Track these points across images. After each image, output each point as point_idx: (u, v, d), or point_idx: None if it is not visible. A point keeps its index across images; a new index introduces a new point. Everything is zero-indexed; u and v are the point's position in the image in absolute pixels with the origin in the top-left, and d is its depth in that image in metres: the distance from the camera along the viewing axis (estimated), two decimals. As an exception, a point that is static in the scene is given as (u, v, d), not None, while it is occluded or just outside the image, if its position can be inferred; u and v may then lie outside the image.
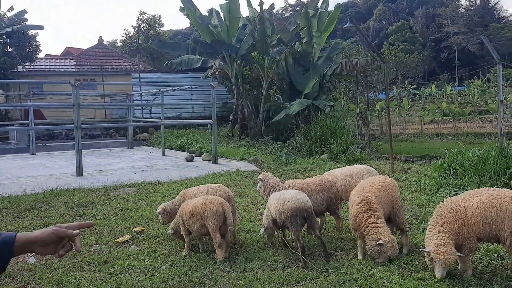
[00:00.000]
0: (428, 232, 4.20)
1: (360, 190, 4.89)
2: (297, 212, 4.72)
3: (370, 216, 4.55)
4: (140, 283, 4.30)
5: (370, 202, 4.66)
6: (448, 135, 21.43)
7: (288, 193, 5.03)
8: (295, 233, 4.73)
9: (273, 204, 5.00)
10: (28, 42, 21.12)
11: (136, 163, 12.93)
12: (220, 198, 5.17)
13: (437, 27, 56.69)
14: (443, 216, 4.16)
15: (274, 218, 4.95)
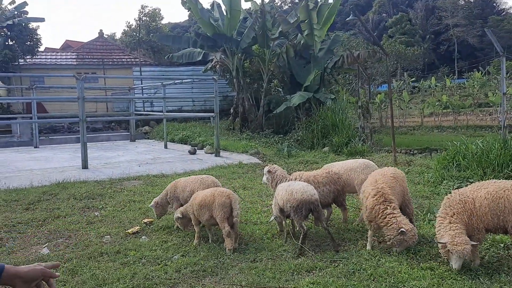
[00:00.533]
0: (439, 223, 4.26)
1: (374, 181, 4.94)
2: (303, 203, 4.84)
3: (386, 208, 4.61)
4: (154, 272, 4.38)
5: (385, 193, 4.72)
6: (448, 128, 21.54)
7: (296, 185, 5.14)
8: (298, 222, 4.88)
9: (280, 194, 5.13)
10: (29, 35, 21.08)
11: (139, 156, 13.00)
12: (228, 190, 5.29)
13: (437, 19, 56.60)
14: (452, 207, 4.23)
15: (281, 208, 5.08)
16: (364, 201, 4.92)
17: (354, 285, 3.91)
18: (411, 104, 28.88)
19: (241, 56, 18.09)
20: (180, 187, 5.99)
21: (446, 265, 4.27)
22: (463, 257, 4.03)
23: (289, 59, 17.14)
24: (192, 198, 5.43)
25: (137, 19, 29.84)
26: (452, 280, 3.99)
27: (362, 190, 5.08)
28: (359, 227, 5.66)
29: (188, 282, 4.17)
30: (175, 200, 6.01)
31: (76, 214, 6.77)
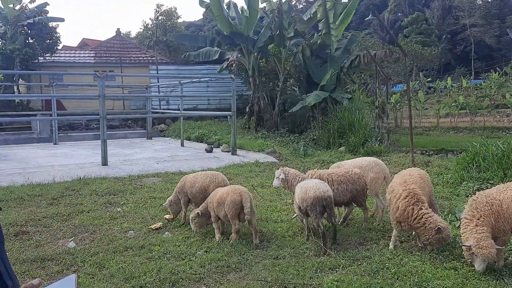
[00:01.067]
0: (465, 226, 4.25)
1: (403, 182, 4.93)
2: (317, 200, 4.96)
3: (421, 208, 4.61)
4: (179, 267, 4.47)
5: (417, 194, 4.72)
6: (464, 129, 21.29)
7: (310, 183, 5.26)
8: (315, 220, 4.99)
9: (297, 192, 5.27)
10: (49, 34, 21.42)
11: (157, 154, 13.14)
12: (242, 188, 5.43)
13: (454, 19, 55.87)
14: (479, 210, 4.21)
15: (299, 205, 5.19)
16: (393, 201, 4.89)
17: (378, 284, 3.94)
18: (427, 104, 28.62)
19: (257, 55, 18.15)
20: (189, 183, 6.12)
21: (470, 266, 4.28)
22: (488, 261, 4.03)
23: (305, 58, 17.15)
24: (212, 195, 5.56)
25: (153, 19, 30.14)
26: (476, 280, 4.00)
27: (389, 190, 5.07)
28: (380, 226, 5.68)
29: (213, 277, 4.25)
30: (183, 195, 6.13)
31: (99, 209, 6.90)
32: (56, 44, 22.03)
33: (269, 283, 4.03)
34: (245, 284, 4.05)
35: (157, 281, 4.16)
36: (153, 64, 23.49)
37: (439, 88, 33.08)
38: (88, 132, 19.04)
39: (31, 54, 20.40)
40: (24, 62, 20.57)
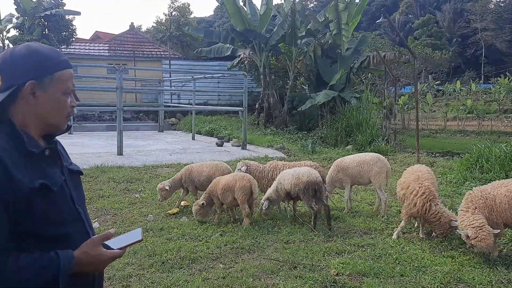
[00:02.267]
0: (461, 216, 4.59)
1: (416, 178, 5.20)
2: (309, 185, 5.48)
3: (436, 204, 4.96)
4: (197, 247, 4.86)
5: (432, 191, 5.04)
6: (471, 133, 21.50)
7: (301, 169, 5.83)
8: (308, 202, 5.53)
9: (287, 179, 5.73)
10: (65, 26, 21.87)
11: (169, 146, 13.55)
12: (248, 175, 5.92)
13: (465, 22, 55.78)
14: (474, 202, 4.56)
15: (288, 191, 5.69)
16: (409, 197, 5.12)
17: (381, 267, 4.30)
18: (435, 107, 28.82)
19: (268, 53, 18.48)
20: (196, 172, 6.57)
21: (466, 255, 4.63)
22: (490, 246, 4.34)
23: (316, 57, 17.46)
24: (214, 184, 5.94)
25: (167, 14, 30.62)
26: (471, 267, 4.35)
27: (404, 186, 5.32)
28: (384, 218, 6.03)
29: (228, 257, 4.63)
30: (190, 183, 6.56)
31: (118, 195, 7.30)
32: (72, 36, 22.48)
33: (281, 263, 4.40)
34: (258, 263, 4.42)
35: (177, 258, 4.55)
36: (166, 59, 23.91)
37: (448, 91, 33.24)
38: (100, 123, 19.50)
39: (48, 45, 20.87)
40: (41, 53, 21.04)
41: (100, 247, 1.59)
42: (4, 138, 1.53)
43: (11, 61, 1.58)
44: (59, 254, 1.50)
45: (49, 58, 1.60)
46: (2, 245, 1.42)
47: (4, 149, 1.49)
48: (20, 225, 1.48)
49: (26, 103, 1.57)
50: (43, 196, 1.53)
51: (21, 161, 1.51)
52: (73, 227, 1.64)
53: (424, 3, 68.11)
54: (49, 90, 1.59)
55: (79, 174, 1.83)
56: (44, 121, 1.60)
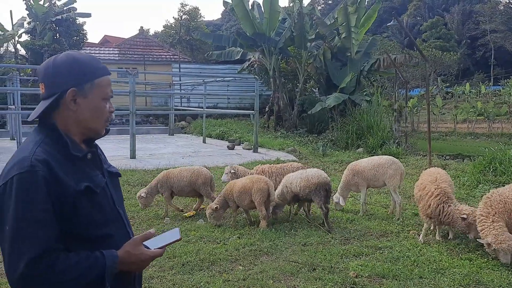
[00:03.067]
0: (482, 223, 4.56)
1: (434, 180, 5.23)
2: (320, 185, 5.59)
3: (449, 206, 4.98)
4: (216, 249, 4.92)
5: (447, 192, 5.08)
6: (482, 135, 21.35)
7: (310, 171, 5.90)
8: (319, 203, 5.61)
9: (294, 182, 5.82)
10: (76, 30, 22.13)
11: (180, 149, 13.65)
12: (265, 177, 5.95)
13: (474, 24, 55.41)
14: (493, 207, 4.55)
15: (297, 193, 5.77)
16: (424, 198, 5.18)
17: (399, 269, 4.33)
18: (444, 109, 28.68)
19: (278, 56, 18.56)
20: (175, 177, 6.49)
21: (483, 257, 4.64)
22: (510, 253, 4.35)
23: (325, 60, 17.50)
24: (229, 187, 5.96)
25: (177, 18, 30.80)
26: (489, 270, 4.36)
27: (420, 188, 5.35)
28: (400, 221, 6.05)
29: (247, 259, 4.68)
30: (167, 189, 6.46)
31: (133, 198, 7.36)
32: (82, 40, 22.75)
33: (300, 265, 4.45)
34: (277, 265, 4.47)
35: (197, 260, 4.61)
36: (176, 63, 24.07)
37: (457, 94, 33.08)
38: (111, 127, 19.61)
39: (59, 49, 21.10)
40: (52, 57, 21.30)
41: (141, 247, 1.65)
42: (50, 143, 1.60)
43: (52, 70, 1.64)
44: (104, 254, 1.57)
45: (88, 66, 1.67)
46: (52, 245, 1.49)
47: (50, 154, 1.57)
48: (67, 226, 1.55)
49: (68, 110, 1.63)
50: (87, 198, 1.60)
51: (66, 165, 1.59)
52: (115, 228, 1.71)
53: (432, 5, 67.85)
54: (89, 97, 1.65)
55: (118, 176, 1.90)
56: (85, 126, 1.67)
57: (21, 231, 1.46)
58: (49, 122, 1.65)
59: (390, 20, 60.68)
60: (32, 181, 1.48)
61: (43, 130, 1.64)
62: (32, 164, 1.50)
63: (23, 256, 1.44)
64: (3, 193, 1.50)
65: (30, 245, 1.45)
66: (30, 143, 1.60)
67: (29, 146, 1.58)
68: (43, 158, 1.53)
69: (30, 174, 1.48)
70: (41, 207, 1.48)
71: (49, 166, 1.52)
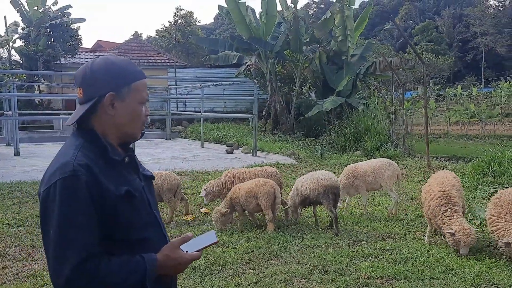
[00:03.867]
0: (495, 223, 4.59)
1: (441, 183, 5.22)
2: (329, 189, 5.60)
3: (446, 210, 4.88)
4: (225, 253, 4.92)
5: (450, 196, 4.98)
6: (475, 137, 21.55)
7: (319, 174, 5.92)
8: (328, 206, 5.62)
9: (305, 184, 5.84)
10: (70, 36, 22.06)
11: (179, 154, 13.63)
12: (271, 181, 5.95)
13: (464, 27, 56.08)
14: (504, 207, 4.60)
15: (306, 196, 5.79)
16: (427, 199, 5.18)
17: (409, 270, 4.36)
18: (437, 112, 28.94)
19: (274, 60, 18.63)
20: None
21: (491, 257, 4.70)
22: None
23: (322, 64, 17.58)
24: (235, 191, 5.95)
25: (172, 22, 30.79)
26: (498, 269, 4.41)
27: (426, 189, 5.38)
28: (405, 222, 6.10)
29: (257, 262, 4.69)
30: None
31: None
32: (77, 46, 22.70)
33: (311, 267, 4.47)
34: (288, 268, 4.48)
35: (207, 264, 4.61)
36: (171, 67, 24.05)
37: (449, 96, 33.39)
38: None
39: (54, 55, 21.04)
40: (47, 63, 21.21)
41: (179, 250, 1.66)
42: (89, 148, 1.61)
43: (91, 74, 1.65)
44: (145, 258, 1.58)
45: (125, 70, 1.67)
46: (94, 250, 1.50)
47: (91, 158, 1.57)
48: (108, 230, 1.56)
49: (106, 114, 1.64)
50: (127, 202, 1.60)
51: (106, 169, 1.59)
52: (153, 231, 1.72)
53: (423, 8, 68.53)
54: (127, 100, 1.65)
55: (152, 179, 1.91)
56: (122, 130, 1.67)
57: (65, 236, 1.47)
58: (88, 126, 1.65)
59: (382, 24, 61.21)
60: (75, 185, 1.49)
61: (82, 135, 1.65)
62: (74, 169, 1.50)
63: (68, 261, 1.45)
64: (47, 198, 1.51)
65: (75, 250, 1.46)
66: (71, 148, 1.60)
67: (70, 151, 1.58)
68: (84, 162, 1.54)
69: (73, 178, 1.49)
70: (84, 212, 1.49)
71: (90, 171, 1.53)
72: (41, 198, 1.54)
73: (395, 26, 11.10)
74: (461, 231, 4.66)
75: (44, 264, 4.63)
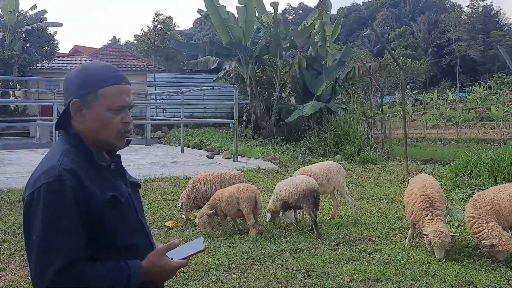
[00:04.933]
0: (477, 225, 4.64)
1: (422, 187, 5.23)
2: (308, 192, 5.65)
3: (427, 214, 4.91)
4: (207, 259, 4.89)
5: (431, 200, 5.01)
6: (451, 140, 22.01)
7: (298, 178, 5.97)
8: (308, 210, 5.66)
9: (284, 189, 5.87)
10: (47, 41, 21.66)
11: (159, 160, 13.50)
12: (252, 186, 6.01)
13: (440, 33, 57.45)
14: (482, 209, 4.68)
15: (285, 201, 5.81)
16: (410, 204, 5.20)
17: (391, 272, 4.42)
18: (414, 116, 29.48)
19: (254, 65, 18.68)
20: None
21: (469, 258, 4.80)
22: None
23: (301, 69, 17.72)
24: (217, 196, 5.95)
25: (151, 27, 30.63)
26: (477, 270, 4.51)
27: (408, 194, 5.42)
28: (385, 225, 6.17)
29: (240, 268, 4.67)
30: None
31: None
32: (54, 51, 22.29)
33: (294, 271, 4.48)
34: (271, 273, 4.48)
35: (189, 270, 4.57)
36: (150, 72, 23.87)
37: (425, 100, 34.11)
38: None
39: (29, 60, 20.61)
40: (22, 68, 20.76)
41: (165, 257, 1.65)
42: (76, 153, 1.61)
43: (65, 81, 1.69)
44: (129, 264, 1.56)
45: (94, 76, 1.65)
46: (80, 255, 1.48)
47: (77, 163, 1.57)
48: (93, 235, 1.54)
49: (76, 121, 1.64)
50: (113, 208, 1.59)
51: (92, 174, 1.59)
52: (139, 237, 1.71)
53: (399, 14, 69.91)
54: (94, 107, 1.63)
55: (138, 186, 1.90)
56: (95, 137, 1.65)
57: (49, 240, 1.45)
58: (72, 131, 1.65)
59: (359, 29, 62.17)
60: (59, 190, 1.48)
61: (68, 139, 1.65)
62: (59, 174, 1.50)
63: (51, 266, 1.43)
64: (31, 202, 1.50)
65: (58, 254, 1.44)
66: (57, 152, 1.60)
67: (56, 156, 1.58)
68: (70, 167, 1.53)
69: (57, 183, 1.48)
70: (69, 216, 1.48)
71: (76, 176, 1.52)
72: (25, 202, 1.53)
73: (373, 32, 11.27)
74: (432, 233, 4.70)
75: (22, 273, 4.52)
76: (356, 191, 8.85)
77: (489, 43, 52.06)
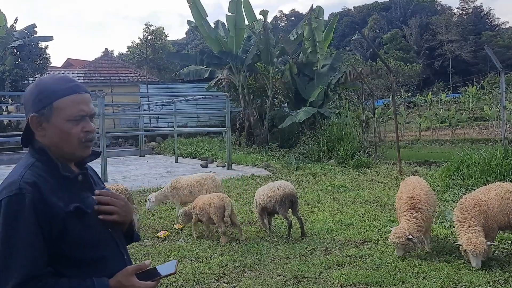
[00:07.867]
0: (459, 228, 4.68)
1: (411, 189, 5.24)
2: (285, 196, 5.75)
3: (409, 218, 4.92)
4: (199, 268, 4.87)
5: (416, 202, 5.01)
6: (445, 142, 22.09)
7: (275, 183, 6.09)
8: (283, 213, 5.77)
9: (262, 194, 5.97)
10: (38, 55, 21.66)
11: (153, 170, 13.47)
12: (223, 194, 6.15)
13: (431, 35, 57.87)
14: (469, 211, 4.67)
15: (264, 206, 5.92)
16: (400, 207, 5.23)
17: (382, 275, 4.41)
18: (408, 118, 29.59)
19: (246, 73, 18.73)
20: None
21: (460, 259, 4.79)
22: (477, 255, 4.42)
23: (293, 75, 17.78)
24: (196, 201, 6.17)
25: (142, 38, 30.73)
26: (467, 270, 4.50)
27: (398, 197, 5.45)
28: (377, 228, 6.17)
29: (231, 276, 4.65)
30: None
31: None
32: (45, 65, 22.27)
33: (285, 278, 4.46)
34: (262, 280, 4.46)
35: (181, 280, 4.55)
36: (143, 83, 23.88)
37: (419, 103, 34.24)
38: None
39: (21, 75, 20.59)
40: (14, 83, 20.73)
41: (133, 278, 1.61)
42: (40, 166, 1.61)
43: (23, 98, 1.75)
44: (95, 282, 1.55)
45: (47, 90, 1.65)
46: (40, 270, 1.47)
47: (41, 176, 1.57)
48: (58, 248, 1.53)
49: (38, 135, 1.65)
50: (78, 219, 1.58)
51: (56, 187, 1.58)
52: (108, 249, 1.69)
53: (391, 18, 70.41)
54: (52, 120, 1.63)
55: None
56: (59, 149, 1.65)
57: (7, 255, 1.44)
58: (37, 146, 1.65)
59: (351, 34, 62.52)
60: (20, 204, 1.47)
61: (33, 154, 1.65)
62: (20, 187, 1.49)
63: (9, 282, 1.42)
64: None
65: (17, 270, 1.43)
66: (21, 167, 1.60)
67: (19, 170, 1.58)
68: (32, 180, 1.52)
69: (18, 197, 1.48)
70: (29, 230, 1.47)
71: (38, 189, 1.52)
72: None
73: (362, 37, 11.34)
74: (392, 234, 4.86)
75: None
76: (350, 195, 8.84)
77: (481, 43, 52.38)
